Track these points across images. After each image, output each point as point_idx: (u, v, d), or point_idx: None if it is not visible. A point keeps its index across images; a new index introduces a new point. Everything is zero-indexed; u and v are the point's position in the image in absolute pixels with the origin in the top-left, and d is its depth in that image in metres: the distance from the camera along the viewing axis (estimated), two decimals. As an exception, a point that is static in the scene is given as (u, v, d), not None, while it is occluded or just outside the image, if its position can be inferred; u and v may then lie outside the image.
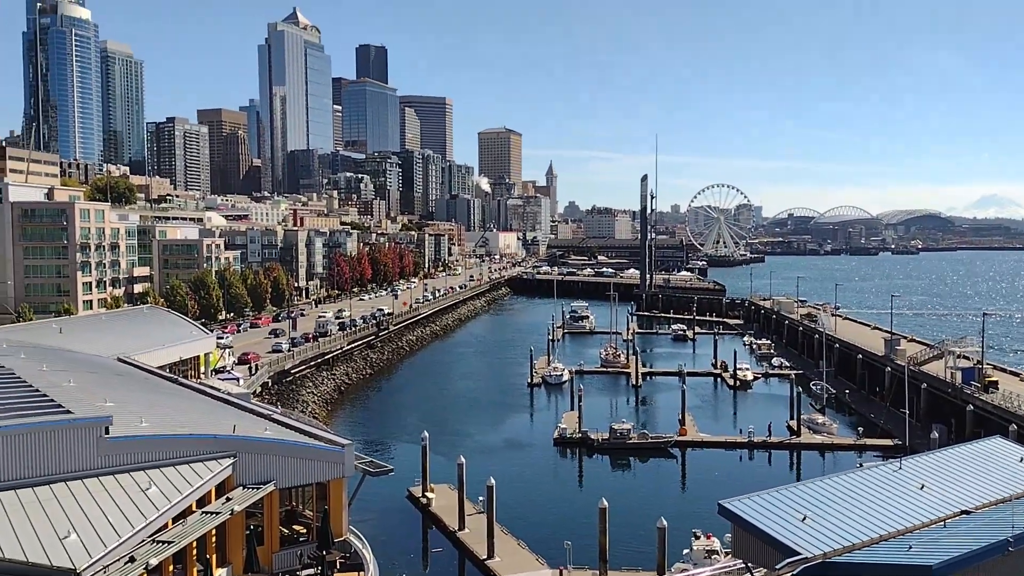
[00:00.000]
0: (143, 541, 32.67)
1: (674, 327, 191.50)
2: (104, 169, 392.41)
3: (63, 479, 35.39)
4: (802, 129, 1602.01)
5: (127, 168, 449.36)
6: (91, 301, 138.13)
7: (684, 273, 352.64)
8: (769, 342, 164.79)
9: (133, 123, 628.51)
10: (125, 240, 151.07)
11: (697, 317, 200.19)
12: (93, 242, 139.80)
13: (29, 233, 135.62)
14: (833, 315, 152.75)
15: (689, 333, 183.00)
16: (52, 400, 41.03)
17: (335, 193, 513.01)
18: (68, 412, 38.25)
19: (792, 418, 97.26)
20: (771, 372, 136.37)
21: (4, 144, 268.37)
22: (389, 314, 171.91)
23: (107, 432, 37.06)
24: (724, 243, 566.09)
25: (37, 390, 43.82)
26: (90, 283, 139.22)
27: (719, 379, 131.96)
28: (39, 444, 35.43)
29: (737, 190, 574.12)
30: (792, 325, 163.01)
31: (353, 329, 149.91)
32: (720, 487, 68.46)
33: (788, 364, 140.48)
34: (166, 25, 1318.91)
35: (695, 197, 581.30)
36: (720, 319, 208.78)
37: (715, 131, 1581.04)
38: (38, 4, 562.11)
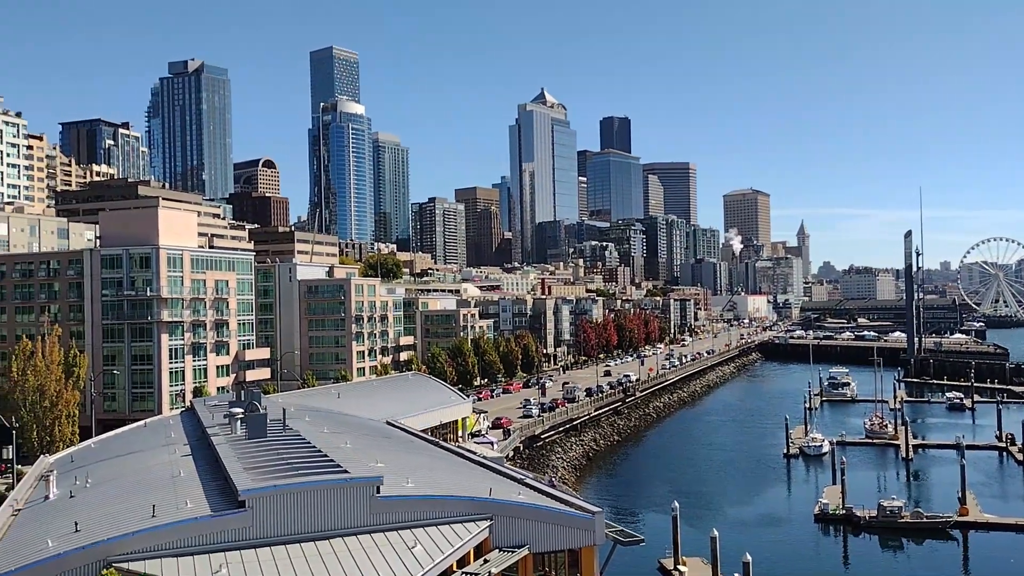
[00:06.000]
0: (409, 597, 34.83)
1: (949, 395, 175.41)
2: (375, 247, 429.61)
3: (339, 534, 38.76)
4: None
5: (395, 245, 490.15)
6: (364, 368, 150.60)
7: (958, 335, 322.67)
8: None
9: (400, 204, 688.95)
10: (392, 312, 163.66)
11: (976, 384, 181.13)
12: (366, 314, 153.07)
13: (313, 307, 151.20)
14: None
15: (967, 401, 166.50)
16: (331, 460, 44.95)
17: (581, 261, 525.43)
18: (345, 472, 41.84)
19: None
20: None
21: (294, 229, 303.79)
22: (636, 380, 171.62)
23: (378, 491, 40.21)
24: (1004, 302, 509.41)
25: (319, 450, 48.27)
26: (363, 351, 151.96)
27: (1005, 453, 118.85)
28: (320, 501, 39.15)
29: (1017, 243, 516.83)
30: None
31: (600, 395, 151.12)
32: (1011, 575, 61.06)
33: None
34: (427, 113, 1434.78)
35: (968, 252, 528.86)
36: (1004, 386, 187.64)
37: (987, 181, 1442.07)
38: (321, 104, 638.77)
